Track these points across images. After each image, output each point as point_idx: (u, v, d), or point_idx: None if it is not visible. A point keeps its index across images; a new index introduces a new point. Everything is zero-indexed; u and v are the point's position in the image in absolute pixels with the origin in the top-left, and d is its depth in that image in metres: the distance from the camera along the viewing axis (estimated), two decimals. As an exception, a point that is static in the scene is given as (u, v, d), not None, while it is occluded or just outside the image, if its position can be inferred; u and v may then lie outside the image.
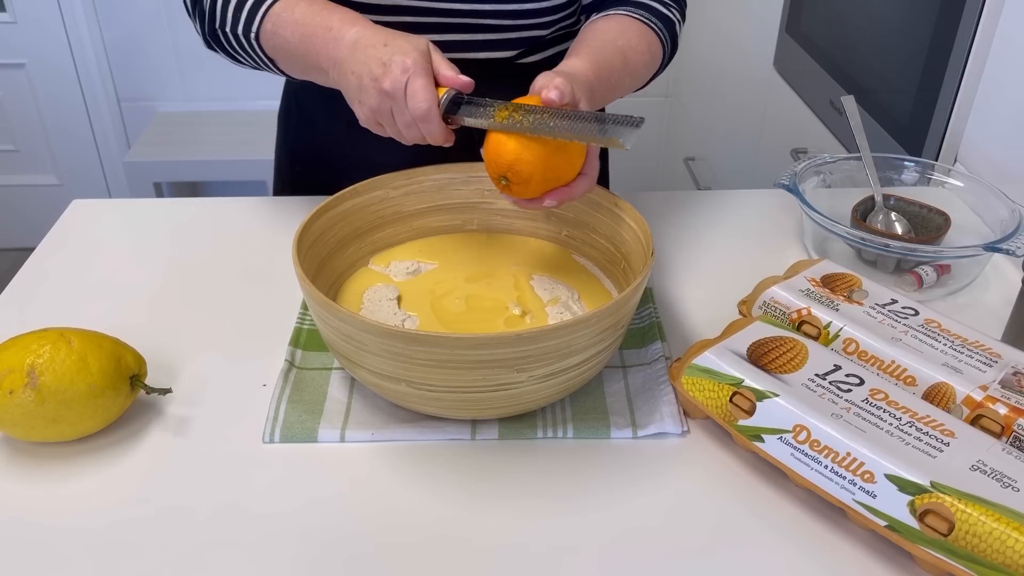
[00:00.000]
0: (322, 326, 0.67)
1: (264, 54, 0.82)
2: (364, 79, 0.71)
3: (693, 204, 1.02)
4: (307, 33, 0.77)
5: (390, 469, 0.65)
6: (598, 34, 0.84)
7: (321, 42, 0.76)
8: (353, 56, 0.73)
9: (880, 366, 0.68)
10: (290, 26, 0.78)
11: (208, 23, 0.84)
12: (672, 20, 0.90)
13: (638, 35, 0.85)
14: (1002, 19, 1.02)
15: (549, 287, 0.78)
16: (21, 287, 0.86)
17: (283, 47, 0.80)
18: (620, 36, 0.84)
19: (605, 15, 0.88)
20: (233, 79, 2.44)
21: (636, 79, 0.86)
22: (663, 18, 0.88)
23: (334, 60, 0.75)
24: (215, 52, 0.87)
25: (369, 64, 0.71)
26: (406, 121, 0.71)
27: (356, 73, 0.72)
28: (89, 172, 2.56)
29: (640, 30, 0.86)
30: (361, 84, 0.72)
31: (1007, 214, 0.87)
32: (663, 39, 0.88)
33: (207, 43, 0.86)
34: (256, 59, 0.83)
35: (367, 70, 0.71)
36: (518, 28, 0.91)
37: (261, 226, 0.96)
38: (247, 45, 0.82)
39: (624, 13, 0.87)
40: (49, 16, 2.34)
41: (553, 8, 0.91)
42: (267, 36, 0.80)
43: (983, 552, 0.53)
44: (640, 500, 0.63)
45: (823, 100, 1.46)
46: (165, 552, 0.58)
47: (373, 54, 0.71)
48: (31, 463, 0.65)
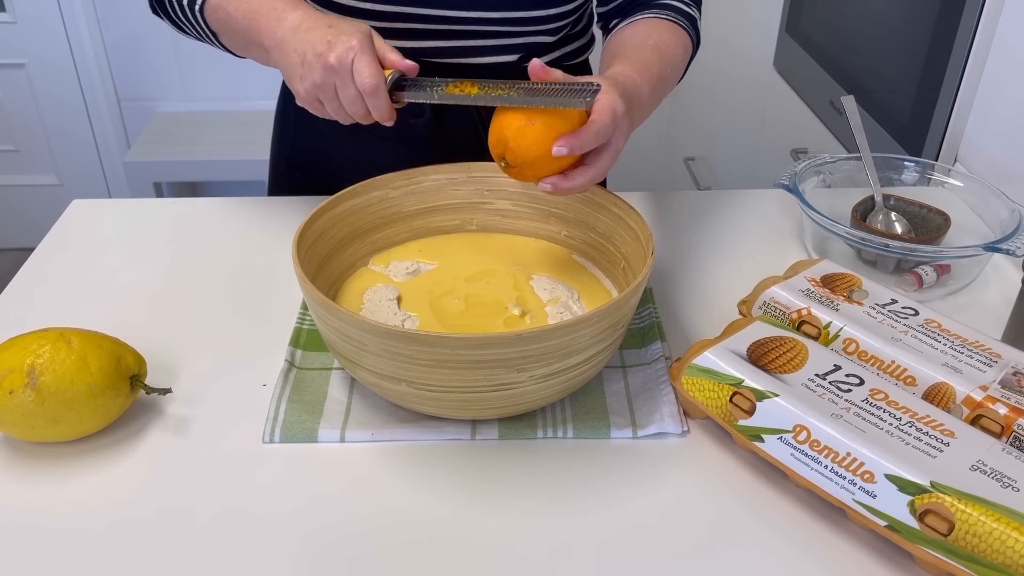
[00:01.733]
0: (322, 326, 0.67)
1: (207, 27, 0.83)
2: (308, 55, 0.72)
3: (693, 204, 1.02)
4: (252, 10, 0.78)
5: (390, 469, 0.65)
6: (627, 39, 0.85)
7: (264, 20, 0.77)
8: (296, 36, 0.74)
9: (880, 366, 0.68)
10: (235, 2, 0.79)
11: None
12: (694, 17, 0.91)
13: (668, 31, 0.87)
14: (1002, 19, 1.02)
15: (549, 287, 0.78)
16: (21, 287, 0.86)
17: (226, 22, 0.80)
18: (650, 35, 0.85)
19: (629, 22, 0.89)
20: (233, 79, 2.44)
21: (676, 71, 0.87)
22: (687, 16, 0.90)
23: (276, 39, 0.75)
24: (160, 18, 0.87)
25: (313, 42, 0.72)
26: (351, 96, 0.71)
27: (298, 51, 0.73)
28: (89, 172, 2.56)
29: (668, 27, 0.87)
30: (304, 60, 0.72)
31: (1007, 214, 0.87)
32: (691, 34, 0.89)
33: (152, 8, 0.87)
34: (199, 31, 0.84)
35: (311, 47, 0.72)
36: (522, 34, 0.91)
37: (261, 226, 0.96)
38: (191, 16, 0.83)
39: (648, 16, 0.88)
40: (49, 16, 2.34)
41: (558, 15, 0.91)
42: (211, 10, 0.81)
43: (983, 552, 0.53)
44: (640, 500, 0.63)
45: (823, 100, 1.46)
46: (165, 552, 0.58)
47: (317, 34, 0.72)
48: (31, 463, 0.65)
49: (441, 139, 0.96)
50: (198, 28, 0.84)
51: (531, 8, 0.89)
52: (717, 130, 2.11)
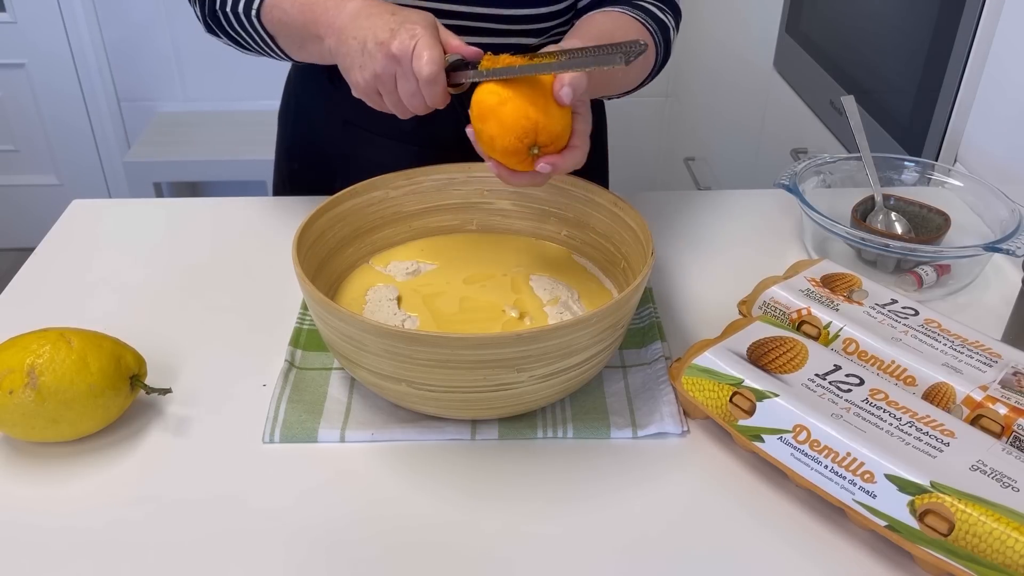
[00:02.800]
0: (322, 326, 0.67)
1: (264, 30, 0.81)
2: (368, 43, 0.69)
3: (693, 204, 1.02)
4: (307, 2, 0.76)
5: (390, 469, 0.65)
6: (594, 26, 0.83)
7: (322, 9, 0.75)
8: (356, 23, 0.71)
9: (880, 366, 0.68)
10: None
11: (208, 5, 0.84)
12: (667, 25, 0.89)
13: (635, 32, 0.85)
14: (1002, 19, 1.02)
15: (549, 287, 0.78)
16: (21, 287, 0.86)
17: (282, 19, 0.79)
18: (617, 31, 0.83)
19: (602, 11, 0.88)
20: (233, 79, 2.44)
21: (628, 76, 0.86)
22: (658, 21, 0.88)
23: (335, 27, 0.73)
24: (216, 37, 0.86)
25: (375, 29, 0.69)
26: (411, 89, 0.69)
27: (359, 38, 0.70)
28: (89, 172, 2.56)
29: (636, 29, 0.85)
30: (365, 48, 0.69)
31: (1007, 214, 0.87)
32: (657, 41, 0.88)
33: (207, 27, 0.86)
34: (256, 37, 0.83)
35: (372, 35, 0.69)
36: (510, 34, 0.91)
37: (261, 226, 0.96)
38: (247, 23, 0.82)
39: (620, 11, 0.87)
40: (49, 16, 2.34)
41: (548, 15, 0.91)
42: (267, 10, 0.80)
43: (983, 552, 0.53)
44: (640, 500, 0.63)
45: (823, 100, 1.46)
46: (165, 552, 0.58)
47: (379, 21, 0.70)
48: (31, 463, 0.65)
49: (425, 136, 0.96)
50: (256, 35, 0.83)
51: (520, 7, 0.89)
52: (717, 130, 2.11)
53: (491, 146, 0.68)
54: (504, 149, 0.67)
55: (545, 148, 0.67)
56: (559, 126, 0.67)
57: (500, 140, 0.67)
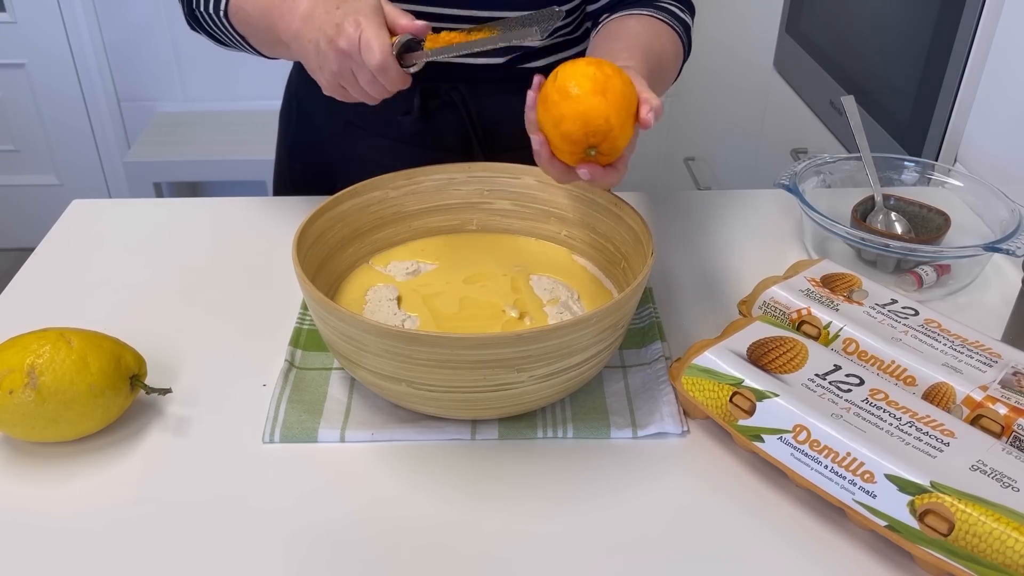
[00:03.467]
0: (322, 326, 0.67)
1: (235, 30, 0.82)
2: (320, 43, 0.71)
3: (693, 204, 1.02)
4: (266, 6, 0.77)
5: (390, 469, 0.65)
6: (637, 37, 0.83)
7: (278, 14, 0.76)
8: (308, 25, 0.73)
9: (880, 366, 0.68)
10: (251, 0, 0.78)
11: (187, 4, 0.85)
12: (688, 25, 0.91)
13: (670, 41, 0.86)
14: (1002, 19, 1.02)
15: (549, 287, 0.78)
16: (21, 287, 0.86)
17: (247, 22, 0.80)
18: (655, 40, 0.84)
19: (631, 15, 0.88)
20: (233, 79, 2.44)
21: (667, 85, 0.87)
22: (682, 23, 0.89)
23: (291, 31, 0.75)
24: (198, 33, 0.87)
25: (324, 28, 0.71)
26: (367, 78, 0.70)
27: (312, 40, 0.72)
28: (89, 172, 2.56)
29: (670, 36, 0.86)
30: (318, 49, 0.71)
31: (1007, 214, 0.87)
32: (684, 44, 0.89)
33: (189, 24, 0.87)
34: (232, 36, 0.84)
35: (322, 34, 0.71)
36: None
37: (261, 226, 0.96)
38: (219, 22, 0.83)
39: (649, 14, 0.87)
40: (49, 16, 2.34)
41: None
42: (234, 12, 0.81)
43: (983, 552, 0.53)
44: (640, 500, 0.63)
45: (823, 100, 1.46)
46: (165, 552, 0.58)
47: (326, 19, 0.71)
48: (31, 463, 0.65)
49: (430, 135, 0.96)
50: (230, 34, 0.83)
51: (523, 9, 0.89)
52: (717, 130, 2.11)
53: (556, 124, 0.64)
54: (567, 135, 0.64)
55: (600, 156, 0.65)
56: (624, 142, 0.65)
57: (569, 124, 0.63)
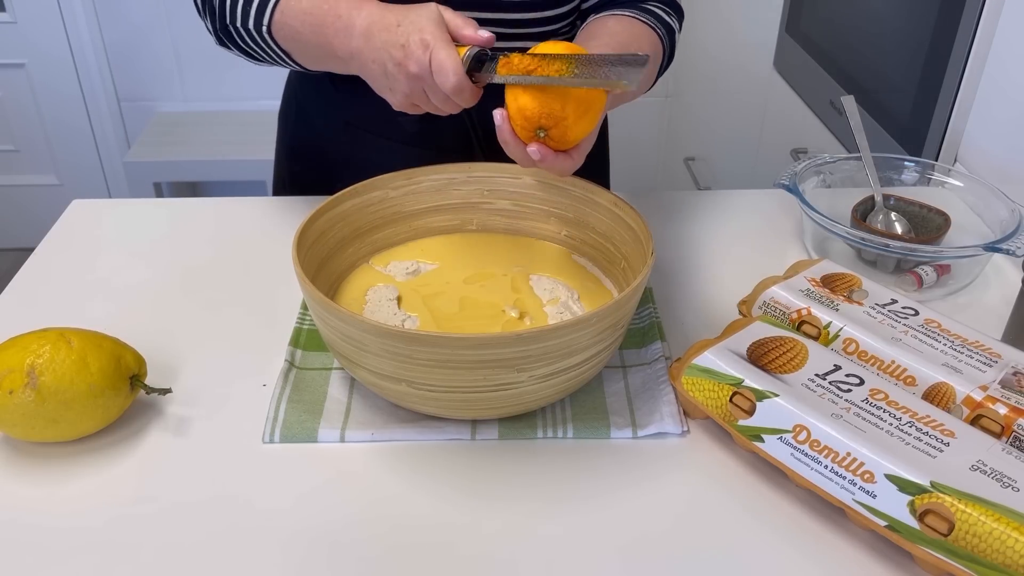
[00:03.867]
0: (322, 326, 0.67)
1: (278, 47, 0.81)
2: (388, 66, 0.71)
3: (693, 204, 1.02)
4: (317, 22, 0.76)
5: (390, 469, 0.65)
6: (613, 35, 0.84)
7: (332, 32, 0.75)
8: (369, 44, 0.72)
9: (880, 366, 0.68)
10: (299, 16, 0.77)
11: (219, 20, 0.83)
12: (673, 29, 0.90)
13: (649, 42, 0.85)
14: (1002, 19, 1.02)
15: (549, 287, 0.78)
16: (21, 287, 0.86)
17: (295, 38, 0.79)
18: (632, 40, 0.83)
19: (613, 15, 0.88)
20: (233, 79, 2.44)
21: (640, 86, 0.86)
22: (666, 26, 0.89)
23: (351, 50, 0.74)
24: (228, 50, 0.86)
25: (388, 50, 0.70)
26: (441, 98, 0.71)
27: (378, 61, 0.72)
28: (89, 172, 2.56)
29: (650, 37, 0.86)
30: (386, 72, 0.71)
31: (1007, 214, 0.87)
32: (665, 47, 0.88)
33: (219, 40, 0.85)
34: (271, 53, 0.83)
35: (388, 56, 0.70)
36: (514, 38, 0.91)
37: (261, 226, 0.96)
38: (259, 40, 0.81)
39: (631, 15, 0.87)
40: (49, 16, 2.33)
41: (553, 19, 0.91)
42: (278, 28, 0.79)
43: (983, 552, 0.53)
44: (640, 500, 0.63)
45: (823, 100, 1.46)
46: (165, 552, 0.58)
47: (388, 38, 0.70)
48: (31, 463, 0.65)
49: (431, 137, 0.96)
50: (269, 51, 0.82)
51: (523, 11, 0.89)
52: (717, 130, 2.11)
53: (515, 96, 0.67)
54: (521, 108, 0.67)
55: (549, 140, 0.67)
56: (576, 135, 0.67)
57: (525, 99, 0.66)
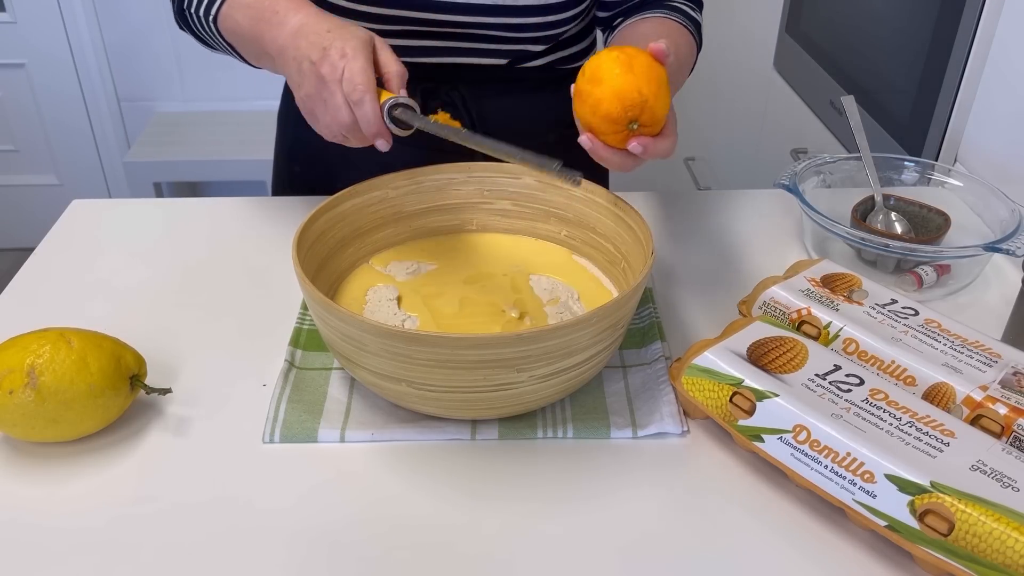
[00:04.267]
0: (322, 326, 0.67)
1: (223, 38, 0.82)
2: (303, 64, 0.70)
3: (693, 204, 1.02)
4: (255, 16, 0.77)
5: (390, 469, 0.65)
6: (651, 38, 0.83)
7: (267, 26, 0.75)
8: (295, 42, 0.72)
9: (880, 366, 0.68)
10: (242, 9, 0.78)
11: (177, 3, 0.85)
12: (699, 23, 0.92)
13: (684, 40, 0.86)
14: (1002, 19, 1.02)
15: (549, 287, 0.78)
16: (21, 287, 0.86)
17: (236, 31, 0.80)
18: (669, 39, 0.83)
19: (646, 18, 0.88)
20: (232, 79, 2.44)
21: (682, 82, 0.87)
22: (694, 22, 0.90)
23: (278, 45, 0.74)
24: (185, 32, 0.87)
25: (309, 49, 0.70)
26: (336, 103, 0.69)
27: (296, 59, 0.71)
28: (89, 172, 2.57)
29: (684, 35, 0.87)
30: (300, 69, 0.71)
31: (1007, 214, 0.87)
32: (697, 41, 0.90)
33: (178, 23, 0.87)
34: (217, 42, 0.84)
35: (306, 55, 0.70)
36: (515, 40, 0.91)
37: (261, 226, 0.96)
38: (207, 27, 0.82)
39: (664, 16, 0.88)
40: (49, 16, 2.34)
41: (554, 23, 0.91)
42: (223, 19, 0.80)
43: (983, 552, 0.53)
44: (640, 500, 0.63)
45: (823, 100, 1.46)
46: (165, 552, 0.58)
47: (315, 40, 0.71)
48: (31, 463, 0.65)
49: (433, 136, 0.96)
50: (217, 40, 0.83)
51: (526, 15, 0.89)
52: (717, 130, 2.11)
53: (594, 110, 0.68)
54: (607, 115, 0.67)
55: (643, 128, 0.68)
56: (662, 110, 0.68)
57: (606, 105, 0.67)
